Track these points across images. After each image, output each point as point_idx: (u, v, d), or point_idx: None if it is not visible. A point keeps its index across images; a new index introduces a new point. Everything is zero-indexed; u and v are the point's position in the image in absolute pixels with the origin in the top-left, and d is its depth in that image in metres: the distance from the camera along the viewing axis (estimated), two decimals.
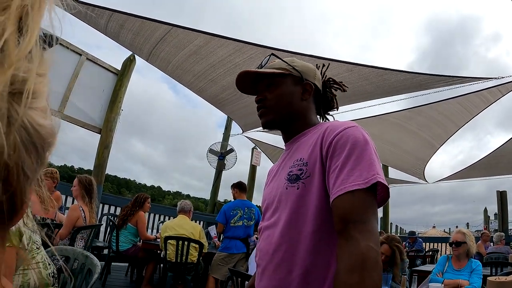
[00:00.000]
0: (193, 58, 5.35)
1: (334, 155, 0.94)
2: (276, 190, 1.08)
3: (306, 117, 1.15)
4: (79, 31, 6.61)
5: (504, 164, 8.65)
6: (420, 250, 8.18)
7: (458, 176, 10.50)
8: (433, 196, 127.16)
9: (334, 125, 1.02)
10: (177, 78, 6.03)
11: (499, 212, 11.96)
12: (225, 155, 9.14)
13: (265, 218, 1.13)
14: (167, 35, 4.88)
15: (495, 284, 2.60)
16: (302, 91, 1.14)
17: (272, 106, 1.12)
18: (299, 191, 0.98)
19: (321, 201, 0.95)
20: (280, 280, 0.97)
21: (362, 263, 0.79)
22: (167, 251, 4.19)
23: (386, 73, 5.19)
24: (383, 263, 3.38)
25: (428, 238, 12.38)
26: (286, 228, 0.99)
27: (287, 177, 1.03)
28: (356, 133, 0.96)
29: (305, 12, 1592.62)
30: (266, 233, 1.08)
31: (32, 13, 0.27)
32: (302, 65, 1.17)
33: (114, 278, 5.02)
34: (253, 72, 1.14)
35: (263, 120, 1.16)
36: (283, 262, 0.98)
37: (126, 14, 4.54)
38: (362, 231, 0.83)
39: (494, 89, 5.82)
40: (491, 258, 6.26)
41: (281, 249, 0.99)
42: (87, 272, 1.81)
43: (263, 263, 1.05)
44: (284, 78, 1.14)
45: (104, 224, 5.93)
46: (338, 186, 0.89)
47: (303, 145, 1.07)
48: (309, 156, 1.01)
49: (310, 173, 0.98)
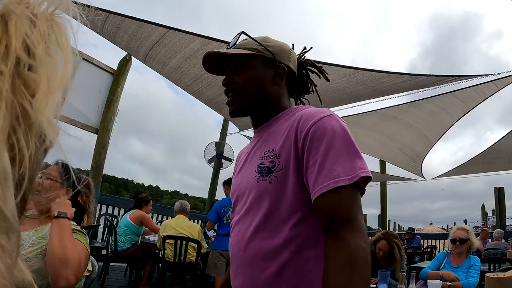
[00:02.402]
0: (189, 62, 5.33)
1: (311, 148, 0.88)
2: (247, 182, 1.01)
3: (277, 102, 1.06)
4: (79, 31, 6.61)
5: (500, 159, 8.68)
6: (418, 247, 8.20)
7: (456, 172, 10.53)
8: (432, 193, 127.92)
9: (308, 113, 0.95)
10: (174, 81, 6.00)
11: (497, 209, 12.01)
12: (223, 154, 9.13)
13: (236, 211, 1.07)
14: (163, 38, 4.85)
15: (493, 280, 2.61)
16: (274, 74, 1.04)
17: (239, 90, 1.03)
18: (271, 185, 0.93)
19: (295, 196, 0.90)
20: (255, 278, 0.93)
21: (352, 262, 0.77)
22: (166, 250, 4.18)
23: (384, 76, 5.18)
24: (382, 259, 3.38)
25: (426, 234, 12.42)
26: (258, 224, 0.94)
27: (258, 169, 0.97)
28: (333, 123, 0.90)
29: (305, 7, 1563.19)
30: (237, 228, 1.02)
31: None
32: (276, 45, 1.07)
33: (112, 279, 5.00)
34: (220, 53, 1.04)
35: (231, 108, 1.06)
36: (257, 259, 0.93)
37: (122, 15, 4.51)
38: (350, 229, 0.81)
39: (490, 83, 5.86)
40: (489, 254, 6.28)
41: (253, 246, 0.94)
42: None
43: (236, 261, 1.00)
44: (254, 59, 1.03)
45: (102, 225, 5.92)
46: (320, 183, 0.84)
47: (275, 133, 1.00)
48: (282, 147, 0.94)
49: (282, 166, 0.93)
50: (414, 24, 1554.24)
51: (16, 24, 0.28)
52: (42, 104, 0.30)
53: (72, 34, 0.34)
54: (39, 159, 0.32)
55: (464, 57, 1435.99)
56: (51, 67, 0.31)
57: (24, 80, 0.29)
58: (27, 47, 0.29)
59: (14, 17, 0.29)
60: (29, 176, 0.30)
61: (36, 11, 0.31)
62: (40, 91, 0.29)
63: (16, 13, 0.29)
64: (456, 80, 5.52)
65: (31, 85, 0.29)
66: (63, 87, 0.32)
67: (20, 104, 0.28)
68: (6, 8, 0.29)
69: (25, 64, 0.29)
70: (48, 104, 0.30)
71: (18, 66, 0.29)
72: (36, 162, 0.31)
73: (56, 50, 0.32)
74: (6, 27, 0.28)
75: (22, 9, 0.30)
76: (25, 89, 0.29)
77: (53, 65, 0.31)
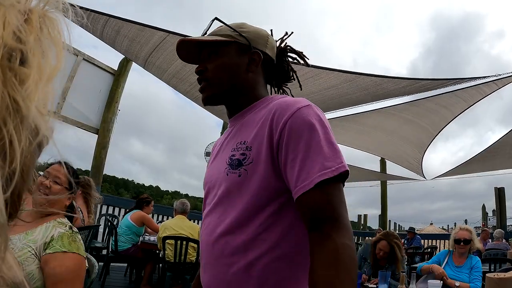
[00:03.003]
0: (190, 67, 5.32)
1: (290, 142, 0.85)
2: (217, 174, 0.98)
3: (252, 90, 1.02)
4: (75, 30, 6.62)
5: (501, 155, 8.67)
6: (419, 247, 8.19)
7: (456, 171, 10.51)
8: (432, 194, 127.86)
9: (284, 103, 0.90)
10: (174, 86, 5.99)
11: (497, 209, 12.02)
12: None
13: (206, 204, 1.03)
14: (162, 42, 4.84)
15: (494, 280, 2.61)
16: (249, 61, 1.00)
17: (212, 78, 1.00)
18: (241, 178, 0.90)
19: (264, 191, 0.87)
20: (223, 274, 0.90)
21: (339, 261, 0.76)
22: (166, 251, 4.19)
23: (385, 81, 5.17)
24: (382, 260, 3.38)
25: (426, 235, 12.41)
26: (226, 219, 0.91)
27: (228, 161, 0.93)
28: (311, 114, 0.87)
29: (305, 7, 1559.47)
30: (207, 221, 0.99)
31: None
32: (252, 30, 1.03)
33: (113, 279, 5.01)
34: (191, 40, 1.00)
35: (203, 96, 1.02)
36: (224, 255, 0.90)
37: (122, 19, 4.51)
38: (336, 228, 0.79)
39: (490, 83, 5.87)
40: (489, 254, 6.28)
41: (221, 241, 0.91)
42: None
43: (205, 254, 0.97)
44: (227, 46, 0.99)
45: (102, 225, 5.93)
46: (303, 179, 0.81)
47: (248, 123, 0.97)
48: (253, 139, 0.91)
49: (253, 159, 0.89)
50: (415, 24, 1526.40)
51: (5, 15, 0.28)
52: (33, 95, 0.29)
53: (66, 29, 0.33)
54: (32, 154, 0.32)
55: (466, 57, 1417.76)
56: (43, 59, 0.31)
57: (15, 73, 0.29)
58: (18, 38, 0.29)
59: (2, 9, 0.28)
60: (21, 172, 0.29)
61: (27, 5, 0.31)
62: (30, 81, 0.29)
63: (4, 5, 0.29)
64: (457, 83, 5.53)
65: (23, 78, 0.29)
66: (54, 79, 0.31)
67: (11, 96, 0.28)
68: None
69: (16, 57, 0.29)
70: (39, 95, 0.30)
71: (10, 58, 0.28)
72: (30, 158, 0.31)
73: (48, 43, 0.32)
74: None
75: (12, 1, 0.29)
76: (16, 81, 0.28)
77: (44, 57, 0.31)
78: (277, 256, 0.87)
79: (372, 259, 3.47)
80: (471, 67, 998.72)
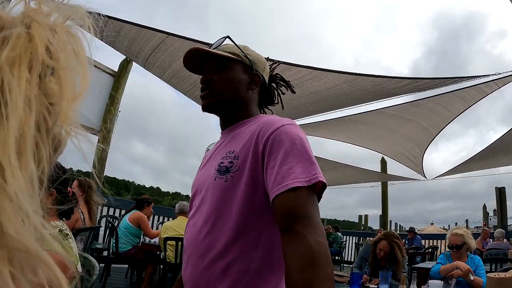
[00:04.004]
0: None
1: (272, 151, 0.93)
2: (206, 178, 1.07)
3: (248, 107, 1.12)
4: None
5: (501, 153, 8.66)
6: (419, 247, 8.19)
7: (457, 170, 10.50)
8: (433, 194, 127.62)
9: (270, 120, 1.00)
10: (174, 86, 6.00)
11: (498, 209, 12.01)
12: None
13: (193, 205, 1.12)
14: (162, 43, 4.85)
15: (494, 280, 2.61)
16: (250, 80, 1.12)
17: (217, 89, 1.09)
18: (227, 184, 0.98)
19: (246, 197, 0.94)
20: (202, 272, 0.97)
21: (314, 259, 0.77)
22: (167, 252, 4.19)
23: (385, 81, 5.18)
24: (382, 260, 3.37)
25: (427, 235, 12.40)
26: (211, 220, 0.98)
27: (217, 168, 1.02)
28: (294, 130, 0.96)
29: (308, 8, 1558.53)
30: (192, 221, 1.07)
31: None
32: (255, 55, 1.15)
33: (114, 280, 5.01)
34: (205, 51, 1.09)
35: (204, 102, 1.12)
36: (206, 254, 0.97)
37: (121, 21, 4.52)
38: (307, 226, 0.82)
39: (491, 83, 5.87)
40: (490, 254, 6.28)
41: (204, 240, 0.98)
42: (86, 273, 1.81)
43: (187, 252, 1.05)
44: (234, 63, 1.10)
45: (103, 226, 5.93)
46: (279, 183, 0.87)
47: (238, 136, 1.06)
48: (241, 150, 0.99)
49: (239, 167, 0.97)
50: (417, 23, 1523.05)
51: (39, 32, 0.29)
52: (63, 114, 0.30)
53: (87, 45, 0.34)
54: (52, 165, 0.33)
55: (468, 57, 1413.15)
56: (72, 76, 0.32)
57: (45, 91, 0.30)
58: (51, 55, 0.30)
59: (37, 25, 0.29)
60: (42, 182, 0.31)
61: (54, 20, 0.32)
62: (59, 99, 0.30)
63: (38, 21, 0.29)
64: (457, 81, 5.53)
65: (50, 93, 0.30)
66: (83, 96, 0.33)
67: (40, 112, 0.29)
68: (27, 16, 0.29)
69: (46, 73, 0.30)
70: (69, 112, 0.31)
71: (42, 76, 0.29)
72: (49, 170, 0.32)
73: (75, 60, 0.33)
74: (30, 35, 0.29)
75: (43, 17, 0.30)
76: (44, 97, 0.29)
77: (73, 74, 0.32)
78: (252, 259, 0.94)
79: (372, 259, 3.47)
80: (472, 67, 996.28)
